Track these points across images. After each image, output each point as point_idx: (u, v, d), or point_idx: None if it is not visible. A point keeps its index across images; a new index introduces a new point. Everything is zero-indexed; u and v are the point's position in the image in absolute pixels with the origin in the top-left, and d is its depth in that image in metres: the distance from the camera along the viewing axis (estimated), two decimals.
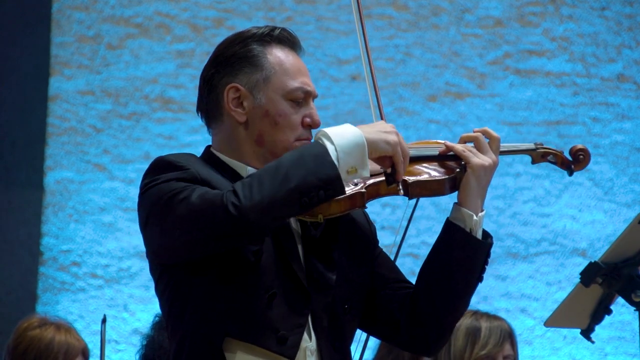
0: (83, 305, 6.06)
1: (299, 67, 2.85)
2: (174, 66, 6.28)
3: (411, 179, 2.81)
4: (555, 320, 3.61)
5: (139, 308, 6.06)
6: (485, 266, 2.86)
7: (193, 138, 6.15)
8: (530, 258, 6.35)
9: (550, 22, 6.53)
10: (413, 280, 2.93)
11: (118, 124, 6.22)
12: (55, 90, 6.20)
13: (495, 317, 4.23)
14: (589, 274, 3.45)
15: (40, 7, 6.19)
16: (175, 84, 6.27)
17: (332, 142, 2.65)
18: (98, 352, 4.39)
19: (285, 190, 2.60)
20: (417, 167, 2.87)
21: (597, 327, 3.56)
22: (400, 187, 2.75)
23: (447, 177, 2.84)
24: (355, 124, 2.70)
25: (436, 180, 2.84)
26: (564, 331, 6.15)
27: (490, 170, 2.85)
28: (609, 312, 3.54)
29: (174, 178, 2.69)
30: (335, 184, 2.62)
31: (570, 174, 2.99)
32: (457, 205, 2.84)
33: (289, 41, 2.87)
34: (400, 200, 5.85)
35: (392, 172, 2.73)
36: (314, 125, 2.84)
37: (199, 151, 2.88)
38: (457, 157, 2.86)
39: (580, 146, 2.99)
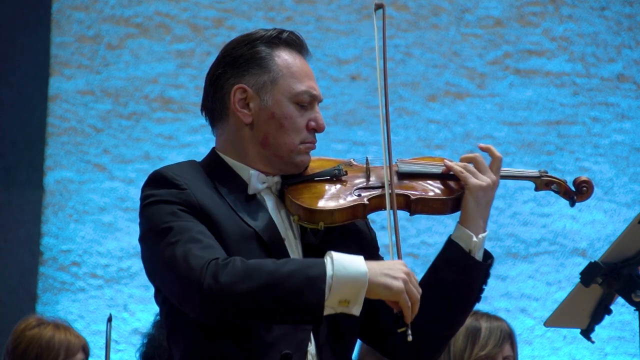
0: (83, 305, 6.06)
1: (306, 71, 2.86)
2: (174, 66, 6.28)
3: (415, 194, 2.80)
4: (555, 320, 3.60)
5: (139, 308, 6.06)
6: (484, 287, 2.85)
7: (193, 138, 6.14)
8: (530, 258, 6.34)
9: (550, 22, 6.53)
10: None
11: (118, 124, 6.21)
12: (55, 90, 6.19)
13: (495, 318, 4.22)
14: (589, 274, 3.44)
15: (40, 7, 6.19)
16: (175, 84, 6.27)
17: (332, 269, 2.57)
18: (102, 353, 4.39)
19: (267, 297, 2.53)
20: (421, 183, 2.87)
21: (597, 327, 3.55)
22: (410, 332, 2.61)
23: (449, 197, 2.85)
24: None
25: (439, 199, 2.85)
26: (564, 331, 6.14)
27: (489, 190, 2.84)
28: (609, 312, 3.53)
29: (171, 201, 2.69)
30: (313, 314, 2.54)
31: (572, 204, 2.98)
32: (459, 224, 2.85)
33: (296, 44, 2.88)
34: None
35: (401, 314, 2.63)
36: (319, 129, 2.85)
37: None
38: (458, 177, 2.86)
39: (584, 178, 2.99)
